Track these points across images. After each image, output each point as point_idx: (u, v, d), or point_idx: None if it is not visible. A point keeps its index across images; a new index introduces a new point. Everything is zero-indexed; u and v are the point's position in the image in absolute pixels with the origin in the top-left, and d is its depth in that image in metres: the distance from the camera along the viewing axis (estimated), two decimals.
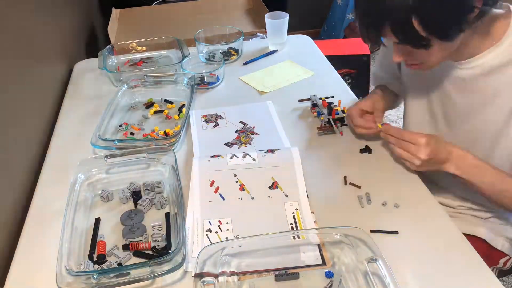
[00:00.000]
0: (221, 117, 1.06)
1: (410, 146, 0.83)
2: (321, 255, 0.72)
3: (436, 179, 0.99)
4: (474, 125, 0.87)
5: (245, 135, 1.01)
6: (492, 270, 0.81)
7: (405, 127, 1.05)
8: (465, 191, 0.95)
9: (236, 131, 1.04)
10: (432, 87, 0.93)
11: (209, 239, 0.76)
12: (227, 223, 0.79)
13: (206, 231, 0.78)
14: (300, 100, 1.13)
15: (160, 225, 0.79)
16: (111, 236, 0.78)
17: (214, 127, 0.98)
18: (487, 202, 0.91)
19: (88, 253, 0.75)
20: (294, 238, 0.74)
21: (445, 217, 0.80)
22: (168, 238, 0.76)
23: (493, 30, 0.78)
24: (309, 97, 1.12)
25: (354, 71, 2.25)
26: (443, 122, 0.93)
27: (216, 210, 0.82)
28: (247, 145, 0.99)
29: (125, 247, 0.75)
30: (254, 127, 1.05)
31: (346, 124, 1.03)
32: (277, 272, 0.70)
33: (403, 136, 0.85)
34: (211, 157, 0.92)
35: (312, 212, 0.81)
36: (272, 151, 0.92)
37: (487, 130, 0.85)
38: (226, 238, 0.77)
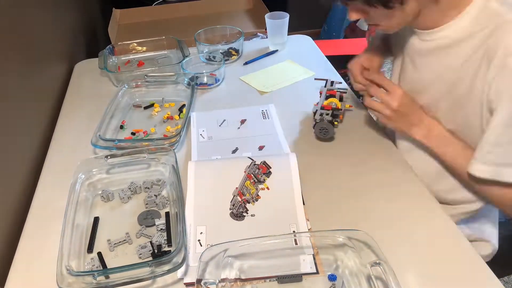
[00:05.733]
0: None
1: (384, 93, 0.85)
2: (315, 263, 0.71)
3: None
4: (427, 103, 0.86)
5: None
6: None
7: None
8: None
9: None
10: (398, 55, 0.94)
11: (200, 244, 0.76)
12: (221, 228, 0.78)
13: (198, 238, 0.77)
14: (316, 79, 1.17)
15: (164, 224, 0.79)
16: (113, 234, 0.78)
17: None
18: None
19: (87, 251, 0.75)
20: (298, 240, 0.73)
21: (448, 221, 0.79)
22: (168, 238, 0.76)
23: (459, 1, 0.75)
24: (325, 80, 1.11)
25: None
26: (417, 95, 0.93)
27: (210, 216, 0.81)
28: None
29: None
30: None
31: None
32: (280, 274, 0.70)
33: (383, 81, 0.86)
34: (207, 160, 0.90)
35: (307, 220, 0.79)
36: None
37: (437, 108, 0.85)
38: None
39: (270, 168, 0.87)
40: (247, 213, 0.81)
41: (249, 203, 0.82)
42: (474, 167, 0.76)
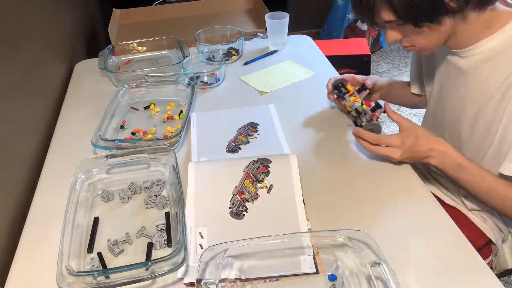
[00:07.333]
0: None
1: (385, 149, 0.86)
2: (315, 264, 0.71)
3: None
4: (476, 118, 0.87)
5: (244, 135, 1.02)
6: None
7: (424, 119, 1.08)
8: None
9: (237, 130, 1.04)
10: (438, 77, 0.96)
11: (201, 247, 0.75)
12: (223, 229, 0.78)
13: (199, 240, 0.76)
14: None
15: (164, 224, 0.79)
16: (113, 234, 0.78)
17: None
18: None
19: (87, 251, 0.75)
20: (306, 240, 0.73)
21: (448, 221, 0.79)
22: (168, 238, 0.76)
23: (495, 21, 0.79)
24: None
25: (354, 71, 2.24)
26: (449, 113, 0.94)
27: (212, 217, 0.80)
28: (246, 144, 0.99)
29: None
30: (252, 127, 1.05)
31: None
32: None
33: (379, 141, 0.86)
34: (208, 161, 0.90)
35: (308, 220, 0.79)
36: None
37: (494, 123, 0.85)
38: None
39: (269, 167, 0.87)
40: (247, 212, 0.81)
41: (248, 201, 0.82)
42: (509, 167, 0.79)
